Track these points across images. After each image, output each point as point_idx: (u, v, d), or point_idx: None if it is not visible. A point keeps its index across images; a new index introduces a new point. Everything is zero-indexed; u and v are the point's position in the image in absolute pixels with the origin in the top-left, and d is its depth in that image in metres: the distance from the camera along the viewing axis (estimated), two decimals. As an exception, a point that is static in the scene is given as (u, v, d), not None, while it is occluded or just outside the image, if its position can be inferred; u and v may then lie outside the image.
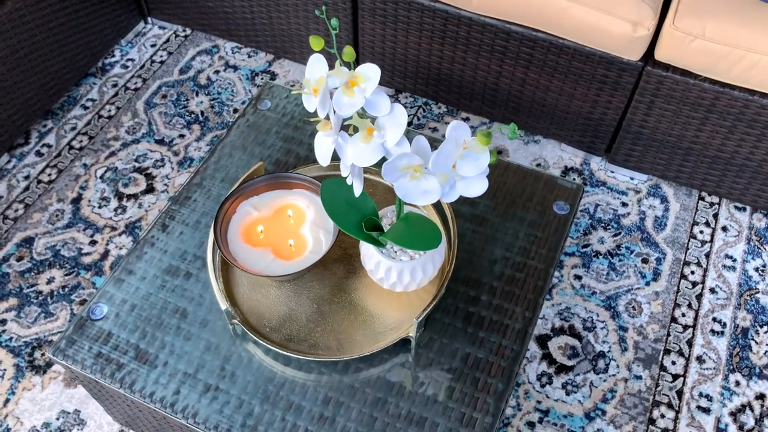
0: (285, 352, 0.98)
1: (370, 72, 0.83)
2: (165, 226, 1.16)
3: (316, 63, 0.86)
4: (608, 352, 1.37)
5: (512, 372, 1.01)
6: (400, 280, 0.98)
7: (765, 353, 1.37)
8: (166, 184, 1.62)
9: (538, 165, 1.67)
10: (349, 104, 0.84)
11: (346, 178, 0.92)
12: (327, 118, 0.87)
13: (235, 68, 1.87)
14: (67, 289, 1.45)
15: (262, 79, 1.85)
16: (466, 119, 1.76)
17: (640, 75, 1.43)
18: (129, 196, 1.60)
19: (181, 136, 1.72)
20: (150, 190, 1.61)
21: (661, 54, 1.37)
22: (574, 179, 1.64)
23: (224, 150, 1.27)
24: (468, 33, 1.52)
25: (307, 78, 0.86)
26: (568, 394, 1.32)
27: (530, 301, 1.08)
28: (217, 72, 1.86)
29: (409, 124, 1.76)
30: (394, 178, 0.84)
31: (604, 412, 1.30)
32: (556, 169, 1.66)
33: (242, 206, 1.07)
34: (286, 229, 1.05)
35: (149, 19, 1.97)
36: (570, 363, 1.36)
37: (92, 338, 1.04)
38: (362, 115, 0.86)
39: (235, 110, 1.77)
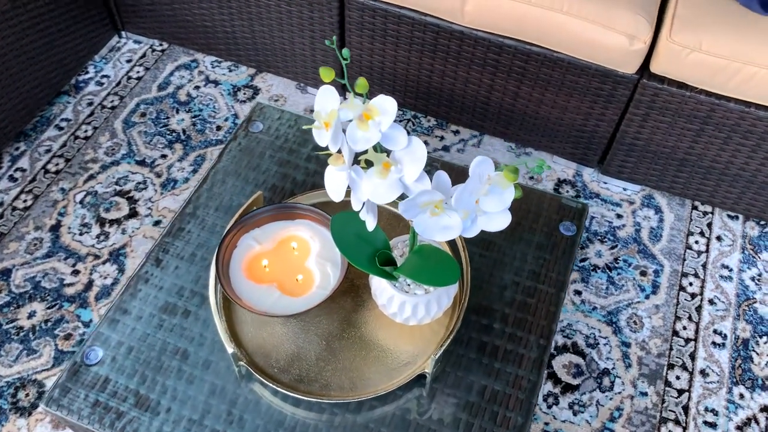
0: (296, 395, 0.94)
1: (386, 105, 0.79)
2: (159, 261, 1.10)
3: (327, 95, 0.81)
4: (612, 369, 1.36)
5: (531, 404, 0.98)
6: (414, 315, 0.94)
7: (766, 364, 1.38)
8: (149, 208, 1.56)
9: (531, 178, 1.65)
10: (364, 139, 0.80)
11: (358, 212, 0.88)
12: (339, 151, 0.83)
13: (216, 83, 1.81)
14: (50, 324, 1.38)
15: (244, 94, 1.79)
16: (456, 132, 1.73)
17: (635, 88, 1.42)
18: (111, 222, 1.53)
19: (163, 156, 1.65)
20: (133, 214, 1.54)
21: (657, 67, 1.36)
22: (567, 191, 1.63)
23: (217, 176, 1.22)
24: (459, 47, 1.49)
25: (317, 111, 0.82)
26: (575, 414, 1.30)
27: (543, 328, 1.05)
28: (197, 87, 1.79)
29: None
30: (414, 215, 0.80)
31: (612, 432, 1.29)
32: (549, 181, 1.64)
33: (243, 240, 1.02)
34: (292, 262, 1.01)
35: (123, 33, 1.89)
36: (575, 382, 1.34)
37: (88, 385, 0.98)
38: (377, 149, 0.82)
39: (218, 127, 1.71)
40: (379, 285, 0.95)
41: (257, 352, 0.99)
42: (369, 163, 0.84)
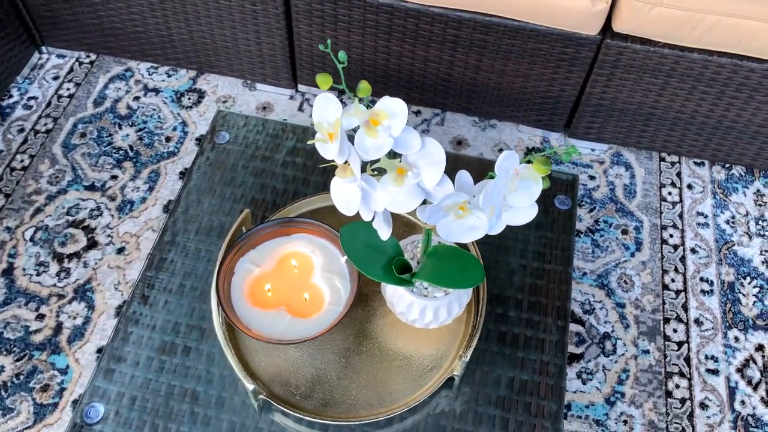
0: (323, 420, 0.89)
1: (395, 107, 0.73)
2: (145, 298, 1.02)
3: (327, 103, 0.75)
4: (612, 332, 1.37)
5: (561, 389, 0.96)
6: (435, 319, 0.90)
7: (754, 303, 1.41)
8: (109, 236, 1.45)
9: (500, 150, 1.62)
10: (374, 147, 0.74)
11: (367, 222, 0.83)
12: (345, 161, 0.77)
13: (157, 91, 1.69)
14: (22, 377, 1.27)
15: (189, 99, 1.68)
16: (418, 112, 1.68)
17: (598, 48, 1.40)
18: (70, 256, 1.41)
19: (114, 177, 1.53)
20: (92, 245, 1.43)
21: (619, 25, 1.35)
22: (538, 159, 1.61)
23: (190, 197, 1.13)
24: (416, 25, 1.44)
25: (318, 122, 0.75)
26: (584, 383, 1.30)
27: (559, 308, 1.03)
28: (136, 98, 1.67)
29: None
30: (437, 220, 0.75)
31: (622, 395, 1.29)
32: (518, 151, 1.62)
33: (240, 264, 0.95)
34: (296, 281, 0.94)
35: (44, 48, 1.74)
36: (579, 350, 1.34)
37: (94, 447, 0.90)
38: (389, 155, 0.76)
39: (168, 138, 1.60)
40: (395, 293, 0.90)
41: (274, 381, 0.93)
42: (380, 171, 0.79)
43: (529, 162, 0.72)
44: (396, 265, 0.87)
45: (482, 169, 1.16)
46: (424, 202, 0.75)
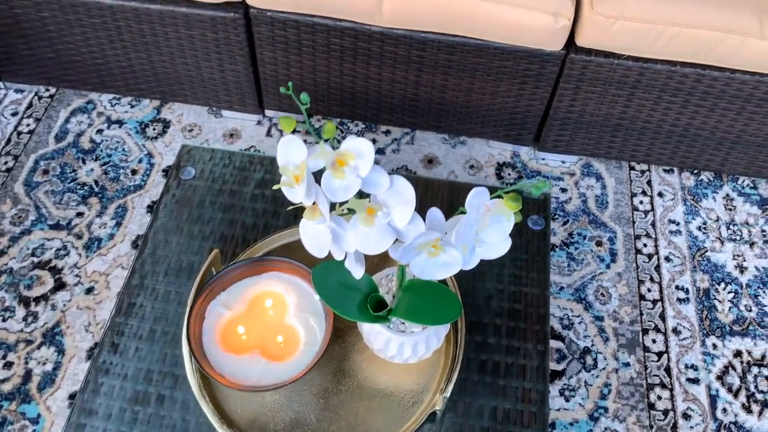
0: (306, 464, 0.87)
1: (361, 147, 0.72)
2: (115, 346, 0.99)
3: (291, 146, 0.73)
4: (592, 346, 1.36)
5: (544, 416, 0.95)
6: (414, 354, 0.89)
7: (729, 309, 1.42)
8: (77, 275, 1.41)
9: (471, 167, 1.62)
10: (342, 188, 0.72)
11: (339, 261, 0.81)
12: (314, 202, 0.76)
13: (120, 123, 1.65)
14: (-9, 430, 1.23)
15: (154, 129, 1.65)
16: (387, 132, 1.67)
17: (563, 63, 1.40)
18: (37, 299, 1.37)
19: (79, 214, 1.49)
20: (60, 286, 1.39)
21: (582, 40, 1.35)
22: (509, 174, 1.61)
23: (157, 237, 1.10)
24: (381, 48, 1.43)
25: (283, 165, 0.73)
26: (567, 400, 1.30)
27: (538, 332, 1.02)
28: (100, 131, 1.64)
29: (332, 148, 1.64)
30: (410, 259, 0.74)
31: (606, 410, 1.29)
32: (489, 167, 1.62)
33: (212, 308, 0.93)
34: (270, 323, 0.92)
35: (1, 83, 1.69)
36: (560, 367, 1.33)
37: (68, 508, 0.86)
38: (357, 194, 0.75)
39: (134, 171, 1.57)
40: (372, 330, 0.89)
41: (252, 427, 0.90)
42: (350, 210, 0.77)
43: (499, 197, 0.71)
44: (371, 303, 0.85)
45: (454, 192, 1.15)
46: (395, 241, 0.74)
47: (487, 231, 0.72)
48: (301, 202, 0.74)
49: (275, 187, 0.73)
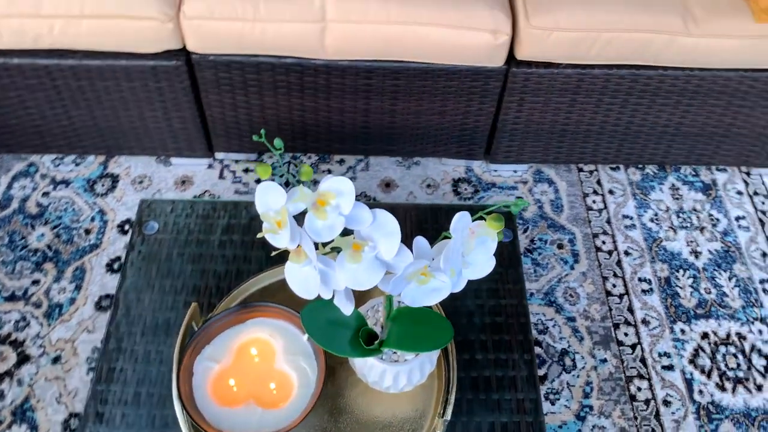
0: None
1: (341, 186, 0.72)
2: (100, 415, 0.95)
3: (269, 192, 0.73)
4: (569, 347, 1.40)
5: (541, 424, 0.97)
6: (409, 381, 0.89)
7: (691, 294, 1.48)
8: (41, 346, 1.35)
9: (428, 186, 1.64)
10: (326, 228, 0.73)
11: (329, 299, 0.81)
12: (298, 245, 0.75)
13: (66, 183, 1.61)
14: None
15: (103, 185, 1.61)
16: (341, 161, 1.68)
17: (506, 78, 1.45)
18: (1, 376, 1.31)
19: (35, 282, 1.44)
20: (24, 359, 1.33)
21: (522, 53, 1.40)
22: (466, 189, 1.64)
23: (129, 297, 1.07)
24: (327, 80, 1.44)
25: (264, 212, 0.73)
26: (552, 404, 1.32)
27: (522, 342, 1.04)
28: (46, 194, 1.58)
29: (287, 184, 1.63)
30: (401, 289, 0.75)
31: (591, 408, 1.32)
32: (446, 184, 1.65)
33: (199, 363, 0.91)
34: (260, 370, 0.91)
35: (-66, 156, 1.62)
36: (542, 372, 1.36)
37: None
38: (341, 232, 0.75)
39: (87, 231, 1.52)
40: (365, 363, 0.89)
41: (255, 478, 0.88)
42: (334, 248, 0.77)
43: (481, 219, 0.73)
44: (362, 337, 0.85)
45: (420, 216, 1.17)
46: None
47: (473, 253, 0.73)
48: (285, 247, 0.74)
49: (259, 235, 0.73)
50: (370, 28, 1.34)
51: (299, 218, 0.76)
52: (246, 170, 1.65)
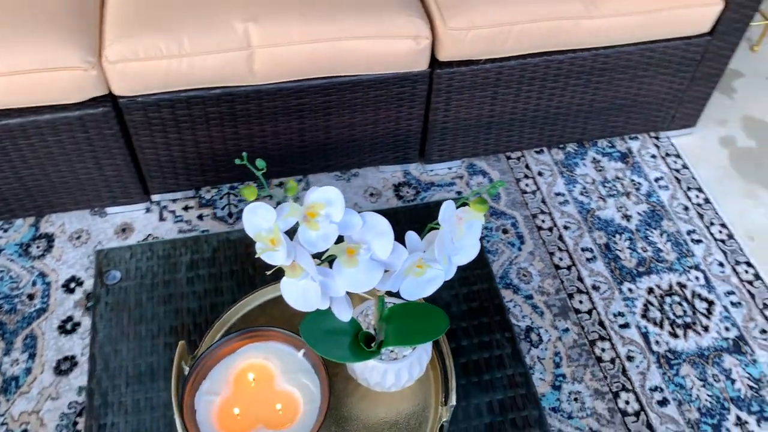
0: None
1: (329, 195, 0.75)
2: (100, 474, 0.92)
3: (258, 212, 0.74)
4: (532, 323, 1.46)
5: (534, 395, 1.02)
6: (411, 376, 0.92)
7: (630, 255, 1.59)
8: (4, 423, 1.28)
9: (371, 195, 1.68)
10: (321, 238, 0.75)
11: (322, 310, 0.83)
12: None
13: (-3, 251, 1.53)
14: None
15: (38, 247, 1.54)
16: (280, 184, 1.69)
17: (431, 80, 1.51)
18: (-36, 465, 1.23)
19: (-17, 359, 1.36)
20: (-13, 441, 1.26)
21: (444, 54, 1.46)
22: (408, 192, 1.69)
23: (104, 350, 1.04)
24: (259, 105, 1.45)
25: (257, 233, 0.74)
26: (528, 379, 1.38)
27: (500, 322, 1.09)
28: (-24, 266, 1.50)
29: (230, 215, 1.63)
30: (400, 284, 0.78)
31: (564, 376, 1.39)
32: (387, 190, 1.69)
33: (199, 400, 0.90)
34: (262, 394, 0.91)
35: None
36: (513, 352, 1.42)
37: None
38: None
39: (30, 296, 1.46)
40: (365, 367, 0.91)
41: (277, 502, 0.88)
42: (322, 258, 0.79)
43: (464, 204, 0.77)
44: (362, 340, 0.87)
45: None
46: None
47: (464, 237, 0.77)
48: (281, 263, 0.75)
49: (256, 255, 0.74)
50: (295, 49, 1.36)
51: (289, 234, 0.77)
52: (185, 208, 1.63)
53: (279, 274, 1.12)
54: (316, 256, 0.78)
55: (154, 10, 1.34)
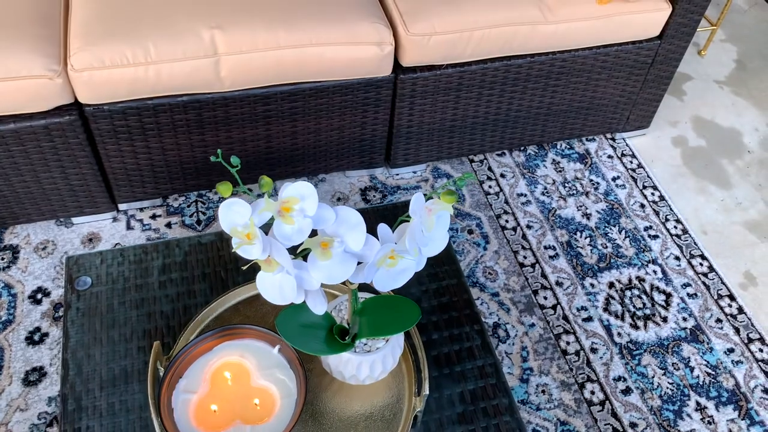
0: None
1: (302, 190, 0.77)
2: (77, 478, 0.92)
3: (233, 208, 0.77)
4: (499, 320, 1.50)
5: (504, 384, 1.05)
6: (384, 368, 0.94)
7: (591, 251, 1.65)
8: (-29, 437, 1.26)
9: (338, 199, 1.70)
10: (296, 232, 0.77)
11: (296, 305, 0.85)
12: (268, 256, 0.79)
13: (-41, 264, 1.50)
14: None
15: (2, 259, 1.52)
16: (249, 190, 1.69)
17: (395, 85, 1.55)
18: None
19: (-52, 373, 1.34)
20: (-46, 456, 1.23)
21: (407, 60, 1.50)
22: (375, 196, 1.72)
23: (77, 356, 1.04)
24: (226, 112, 1.47)
25: (232, 228, 0.76)
26: (497, 373, 1.42)
27: (469, 315, 1.13)
28: (-62, 279, 1.47)
29: (198, 222, 1.63)
30: (373, 275, 0.80)
31: (531, 369, 1.43)
32: (355, 194, 1.71)
33: (176, 398, 0.91)
34: (239, 390, 0.92)
35: None
36: (481, 348, 1.45)
37: None
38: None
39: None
40: (340, 360, 0.93)
41: (256, 496, 0.89)
42: (303, 252, 0.81)
43: (432, 198, 0.80)
44: (336, 333, 0.89)
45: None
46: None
47: (434, 229, 0.80)
48: (257, 258, 0.77)
49: (233, 251, 0.76)
50: (261, 56, 1.39)
51: (263, 230, 0.79)
52: (153, 216, 1.63)
53: (250, 275, 1.14)
54: (290, 250, 0.80)
55: (119, 18, 1.35)
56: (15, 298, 1.46)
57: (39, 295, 1.47)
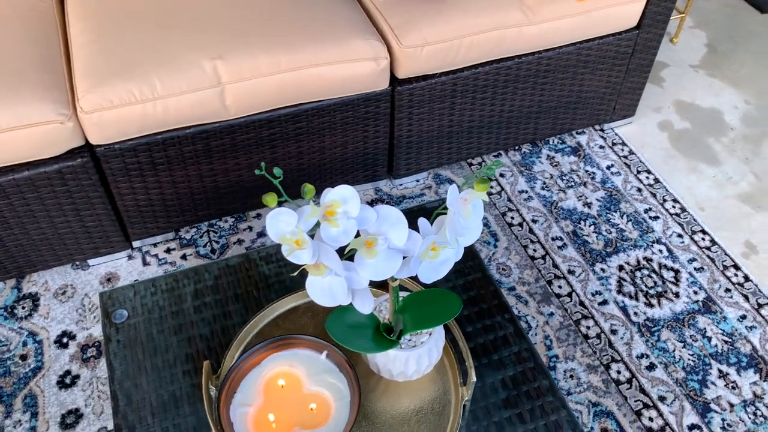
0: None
1: (344, 193, 0.81)
2: (142, 503, 0.93)
3: (280, 217, 0.80)
4: (519, 313, 1.54)
5: (542, 366, 1.09)
6: (430, 361, 0.97)
7: (597, 238, 1.70)
8: (16, 485, 1.26)
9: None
10: (342, 233, 0.80)
11: (341, 307, 0.88)
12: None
13: (-19, 317, 1.51)
14: None
15: (23, 308, 1.53)
16: (258, 216, 1.73)
17: (393, 98, 1.60)
18: None
19: (-16, 425, 1.34)
20: (1, 505, 1.23)
21: (402, 72, 1.55)
22: (381, 208, 1.75)
23: (125, 386, 1.06)
24: (233, 139, 1.50)
25: (281, 236, 0.79)
26: (525, 364, 1.45)
27: (498, 305, 1.16)
28: (-38, 335, 1.48)
29: (213, 251, 1.65)
30: (417, 268, 0.84)
31: (557, 357, 1.47)
32: (361, 209, 1.75)
33: (234, 413, 0.93)
34: (293, 398, 0.95)
35: None
36: (505, 341, 1.49)
37: None
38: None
39: (23, 357, 1.44)
40: (387, 358, 0.96)
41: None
42: (349, 252, 0.84)
43: (468, 187, 0.84)
44: (384, 329, 0.92)
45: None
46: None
47: (470, 218, 0.84)
48: (306, 263, 0.80)
49: (287, 256, 0.79)
50: (264, 81, 1.43)
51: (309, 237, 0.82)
52: (168, 250, 1.65)
53: (282, 290, 1.16)
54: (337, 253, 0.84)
55: (121, 57, 1.39)
56: (41, 344, 1.47)
57: (65, 339, 1.47)
